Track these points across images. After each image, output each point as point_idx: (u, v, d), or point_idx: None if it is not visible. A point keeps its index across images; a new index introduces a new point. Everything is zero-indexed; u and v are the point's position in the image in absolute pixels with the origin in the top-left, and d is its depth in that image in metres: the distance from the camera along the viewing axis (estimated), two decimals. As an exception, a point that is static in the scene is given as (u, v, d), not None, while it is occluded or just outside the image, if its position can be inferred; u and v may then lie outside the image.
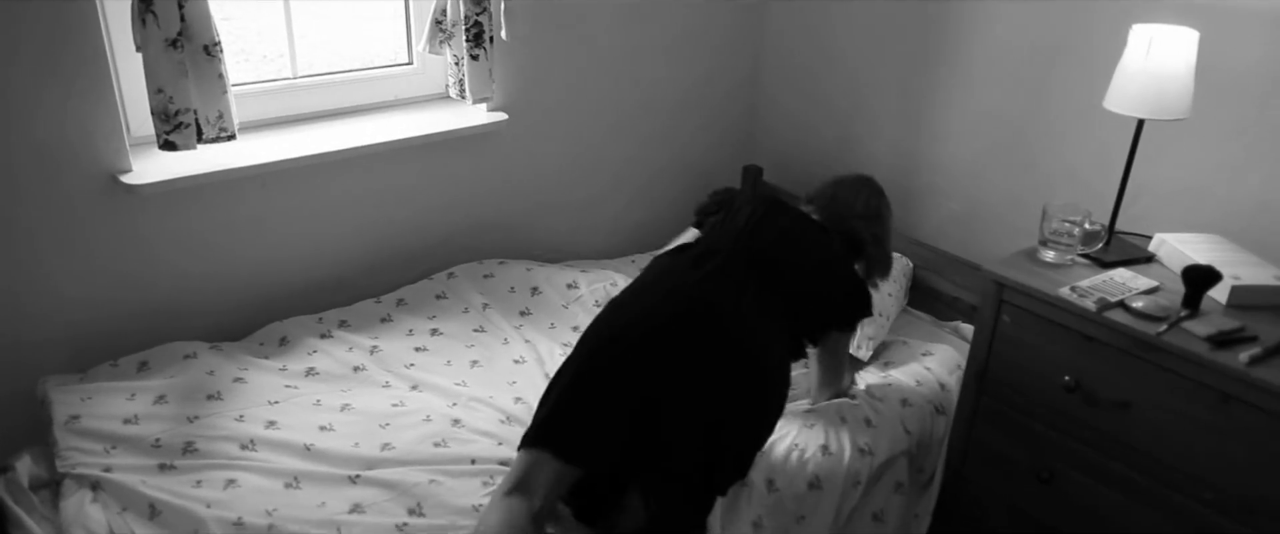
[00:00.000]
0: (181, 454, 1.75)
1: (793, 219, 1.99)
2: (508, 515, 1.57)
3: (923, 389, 2.12)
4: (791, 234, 1.94)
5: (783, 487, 1.81)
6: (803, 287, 1.89)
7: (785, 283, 1.84)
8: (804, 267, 1.91)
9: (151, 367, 1.99)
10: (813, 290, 1.92)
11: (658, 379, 1.63)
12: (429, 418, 1.92)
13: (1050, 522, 1.94)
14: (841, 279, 1.97)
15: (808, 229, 1.99)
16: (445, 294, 2.39)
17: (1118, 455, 1.79)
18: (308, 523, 1.60)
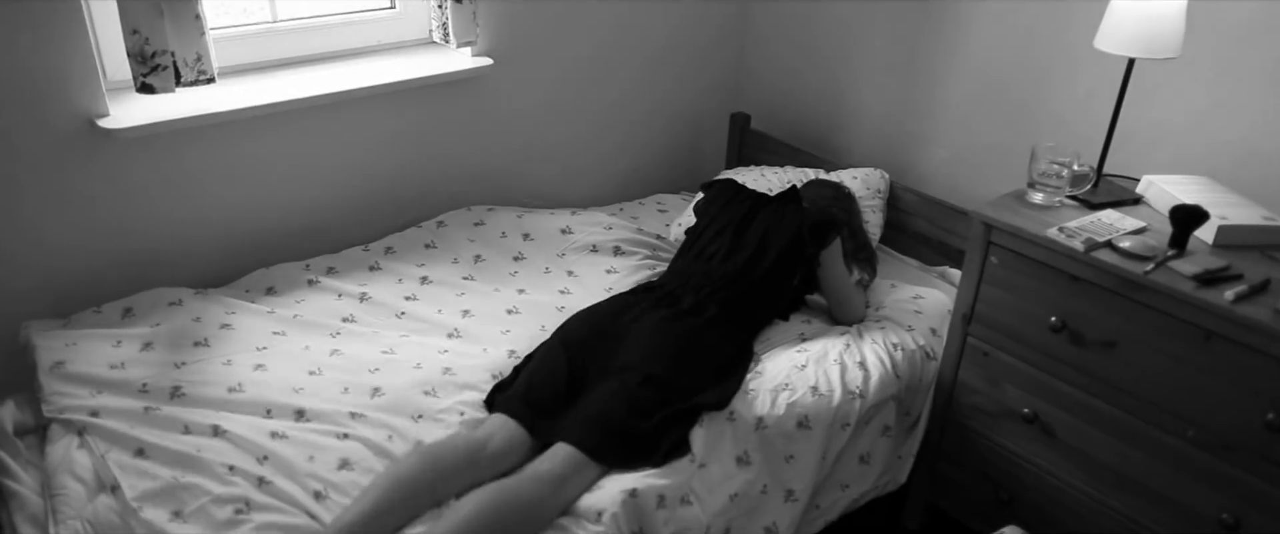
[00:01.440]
0: (169, 399, 1.74)
1: (761, 228, 2.17)
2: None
3: (914, 334, 2.13)
4: (762, 242, 2.14)
5: (771, 425, 1.82)
6: (774, 270, 2.10)
7: (755, 281, 2.08)
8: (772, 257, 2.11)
9: (136, 313, 1.97)
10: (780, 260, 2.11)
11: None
12: (420, 365, 1.92)
13: (1034, 460, 1.97)
14: (798, 228, 2.12)
15: (769, 230, 2.16)
16: (434, 243, 2.37)
17: (1102, 394, 1.82)
18: (297, 475, 1.60)
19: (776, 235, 2.14)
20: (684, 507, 1.69)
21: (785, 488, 1.84)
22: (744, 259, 2.11)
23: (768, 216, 2.20)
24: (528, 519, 1.53)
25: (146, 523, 1.47)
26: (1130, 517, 1.83)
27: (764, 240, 2.14)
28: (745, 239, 2.16)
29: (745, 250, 2.13)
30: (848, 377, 1.96)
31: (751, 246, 2.13)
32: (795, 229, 2.14)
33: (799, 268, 2.13)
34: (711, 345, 1.92)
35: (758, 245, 2.13)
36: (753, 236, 2.16)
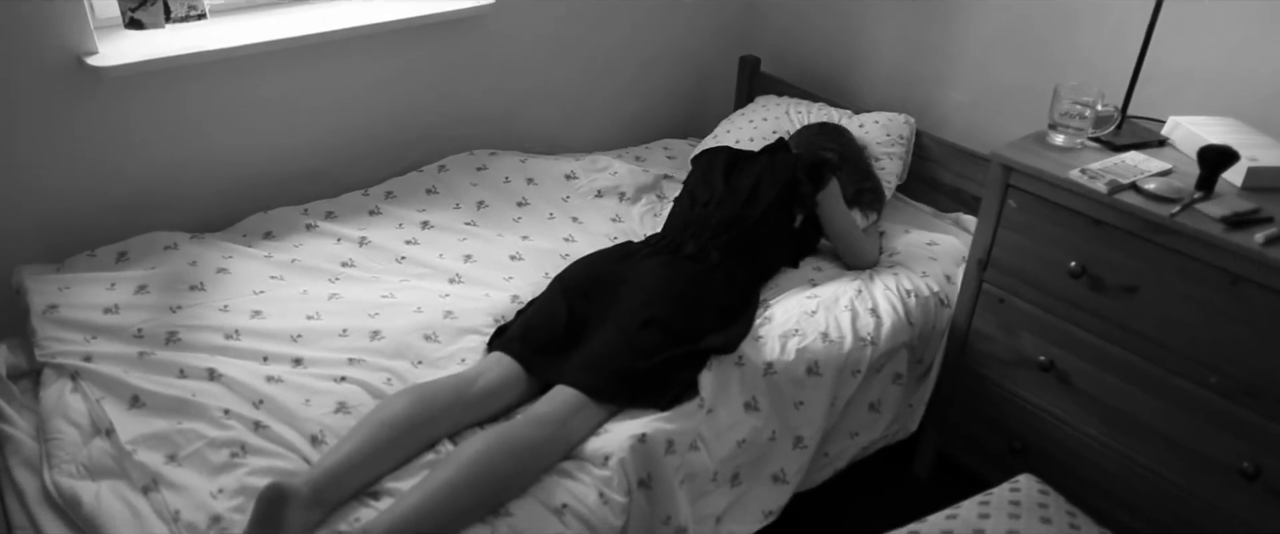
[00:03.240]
0: (164, 344, 1.71)
1: (753, 175, 2.14)
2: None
3: (928, 280, 2.08)
4: (755, 187, 2.10)
5: (780, 371, 1.78)
6: (770, 213, 2.06)
7: (752, 224, 2.04)
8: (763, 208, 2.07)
9: (131, 257, 1.93)
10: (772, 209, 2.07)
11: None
12: (420, 309, 1.87)
13: (1048, 409, 1.92)
14: (792, 170, 2.09)
15: (762, 176, 2.12)
16: (436, 188, 2.32)
17: (1121, 341, 1.76)
18: (293, 418, 1.57)
19: (769, 180, 2.10)
20: (692, 452, 1.65)
21: (794, 435, 1.81)
22: (738, 204, 2.06)
23: (758, 165, 2.16)
24: (528, 462, 1.50)
25: (141, 466, 1.45)
26: (1147, 465, 1.79)
27: (757, 186, 2.10)
28: (737, 186, 2.12)
29: (738, 196, 2.08)
30: (859, 323, 1.92)
31: (744, 192, 2.09)
32: (789, 172, 2.09)
33: (796, 209, 2.08)
34: (715, 289, 1.87)
35: (751, 190, 2.09)
36: (745, 183, 2.12)
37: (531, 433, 1.53)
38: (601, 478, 1.51)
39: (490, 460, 1.46)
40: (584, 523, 1.46)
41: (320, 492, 1.34)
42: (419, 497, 1.38)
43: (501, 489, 1.45)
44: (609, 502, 1.50)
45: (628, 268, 1.88)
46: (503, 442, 1.49)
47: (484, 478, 1.43)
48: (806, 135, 2.37)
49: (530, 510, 1.44)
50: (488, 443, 1.47)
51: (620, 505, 1.51)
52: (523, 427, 1.54)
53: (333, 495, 1.35)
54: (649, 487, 1.57)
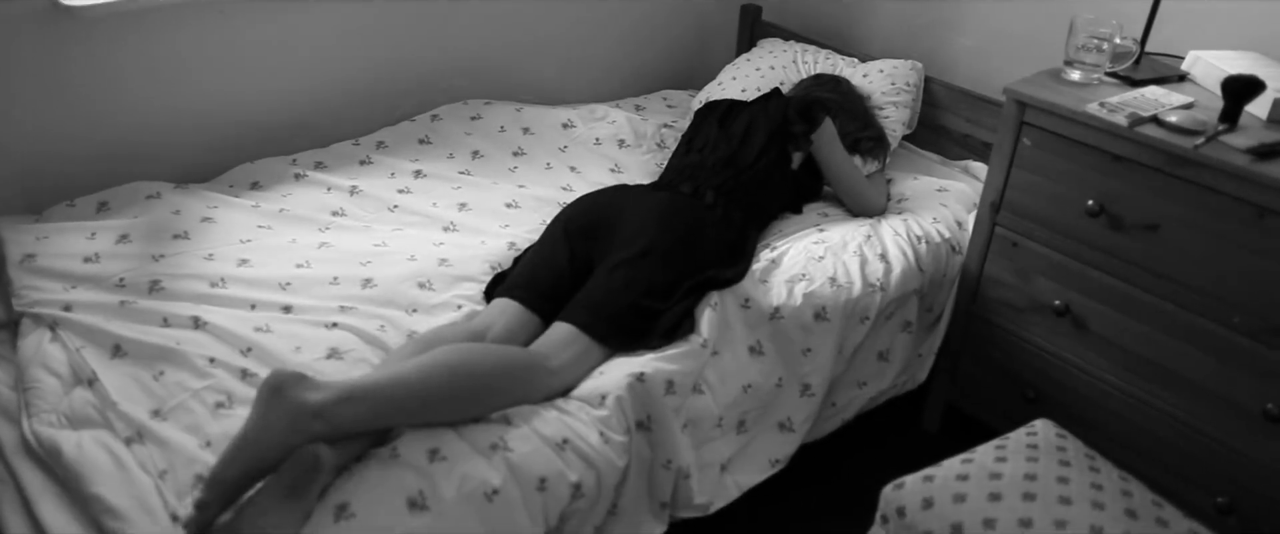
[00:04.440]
0: (147, 293, 1.64)
1: (746, 120, 2.10)
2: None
3: (939, 225, 2.02)
4: (748, 131, 2.06)
5: (786, 316, 1.72)
6: (765, 155, 2.01)
7: (747, 165, 1.98)
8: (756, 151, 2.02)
9: (112, 207, 1.86)
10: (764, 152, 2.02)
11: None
12: (414, 257, 1.81)
13: (1063, 355, 1.86)
14: (784, 112, 2.06)
15: (754, 119, 2.08)
16: (429, 138, 2.24)
17: (1141, 282, 1.70)
18: (283, 364, 1.50)
19: (762, 122, 2.06)
20: (695, 395, 1.60)
21: (801, 382, 1.75)
22: (732, 148, 2.02)
23: (752, 111, 2.12)
24: (514, 377, 1.45)
25: (125, 416, 1.39)
26: (1166, 411, 1.73)
27: (749, 129, 2.06)
28: (731, 132, 2.08)
29: (732, 141, 2.05)
30: (868, 269, 1.85)
31: (738, 136, 2.05)
32: (781, 113, 2.05)
33: (791, 149, 2.03)
34: (715, 225, 1.81)
35: (744, 134, 2.05)
36: (738, 128, 2.08)
37: (521, 352, 1.49)
38: (599, 418, 1.45)
39: (471, 360, 1.41)
40: (586, 461, 1.41)
41: (326, 406, 1.27)
42: (388, 373, 1.36)
43: (478, 393, 1.40)
44: (610, 441, 1.44)
45: (626, 205, 1.81)
46: (491, 350, 1.46)
47: (459, 374, 1.38)
48: (803, 85, 2.33)
49: (530, 445, 1.38)
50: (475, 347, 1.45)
51: (621, 445, 1.45)
52: (516, 348, 1.50)
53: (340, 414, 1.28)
54: (649, 429, 1.52)
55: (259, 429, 1.24)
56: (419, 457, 1.33)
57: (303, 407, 1.26)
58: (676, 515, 1.62)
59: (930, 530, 1.40)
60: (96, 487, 1.26)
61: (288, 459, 1.23)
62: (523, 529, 1.34)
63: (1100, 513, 1.36)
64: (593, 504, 1.44)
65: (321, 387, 1.30)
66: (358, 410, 1.30)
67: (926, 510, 1.42)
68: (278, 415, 1.24)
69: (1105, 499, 1.39)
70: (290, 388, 1.27)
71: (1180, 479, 1.73)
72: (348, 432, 1.30)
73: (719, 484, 1.65)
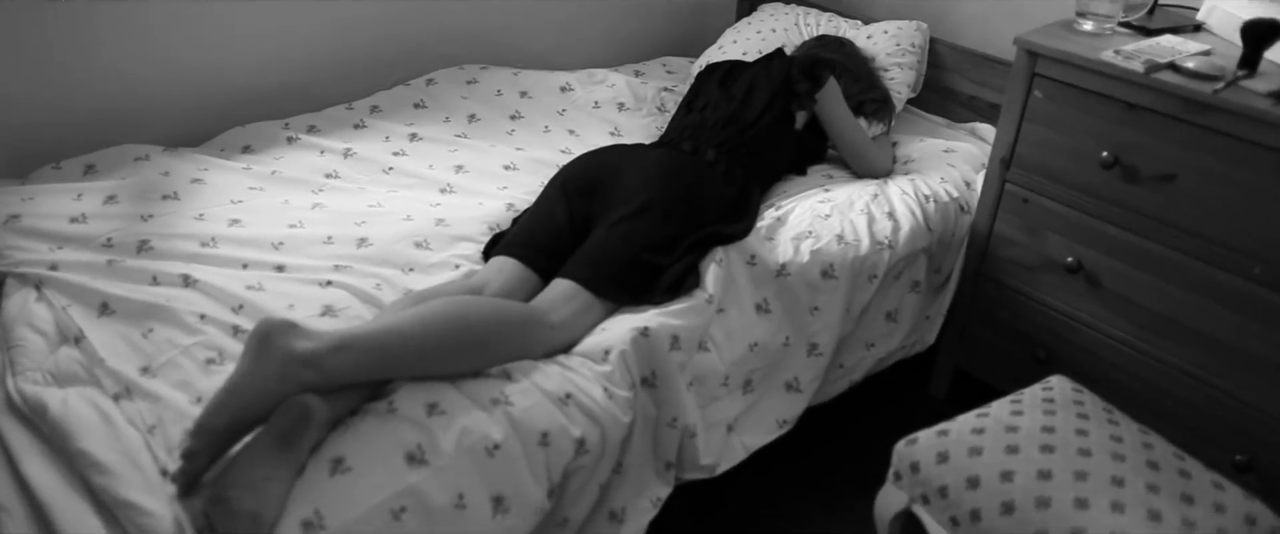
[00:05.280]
0: (135, 253, 1.60)
1: (748, 80, 2.05)
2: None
3: (947, 185, 1.97)
4: (750, 90, 2.02)
5: (793, 273, 1.67)
6: (767, 114, 1.96)
7: (748, 123, 1.93)
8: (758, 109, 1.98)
9: (99, 169, 1.81)
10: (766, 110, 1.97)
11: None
12: (410, 217, 1.76)
13: (1075, 315, 1.82)
14: (786, 70, 2.02)
15: (756, 79, 2.04)
16: (424, 102, 2.20)
17: (1157, 235, 1.66)
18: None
19: (764, 81, 2.02)
20: (701, 353, 1.55)
21: (809, 341, 1.71)
22: (734, 107, 1.97)
23: (754, 70, 2.08)
24: (513, 330, 1.40)
25: (113, 372, 1.34)
26: (1183, 368, 1.69)
27: (752, 88, 2.01)
28: (733, 92, 2.03)
29: (733, 100, 2.00)
30: (875, 227, 1.81)
31: (739, 96, 2.01)
32: (784, 73, 2.01)
33: (794, 108, 1.99)
34: (716, 182, 1.77)
35: (746, 93, 2.01)
36: (740, 88, 2.04)
37: (521, 306, 1.45)
38: (602, 373, 1.41)
39: (468, 312, 1.37)
40: (590, 416, 1.36)
41: (317, 355, 1.22)
42: (382, 324, 1.32)
43: (477, 346, 1.36)
44: (614, 397, 1.40)
45: (625, 162, 1.77)
46: (489, 302, 1.42)
47: (457, 326, 1.34)
48: (806, 46, 2.29)
49: (532, 399, 1.33)
50: (473, 299, 1.41)
51: (626, 400, 1.41)
52: (514, 303, 1.45)
53: (332, 363, 1.24)
54: (653, 385, 1.48)
55: (247, 377, 1.19)
56: (417, 410, 1.28)
57: (292, 355, 1.21)
58: (683, 477, 1.58)
59: (945, 485, 1.36)
60: (82, 442, 1.21)
61: (277, 409, 1.18)
62: (525, 486, 1.30)
63: (1121, 464, 1.32)
64: (597, 461, 1.39)
65: (313, 336, 1.26)
66: (350, 360, 1.25)
67: (941, 465, 1.38)
68: (266, 363, 1.20)
69: (1125, 451, 1.35)
70: (280, 336, 1.22)
71: (1197, 437, 1.69)
72: (340, 382, 1.25)
73: (726, 445, 1.61)
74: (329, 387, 1.24)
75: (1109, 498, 1.27)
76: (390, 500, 1.20)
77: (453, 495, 1.24)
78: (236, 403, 1.18)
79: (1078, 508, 1.26)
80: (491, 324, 1.39)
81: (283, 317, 1.27)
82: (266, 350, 1.21)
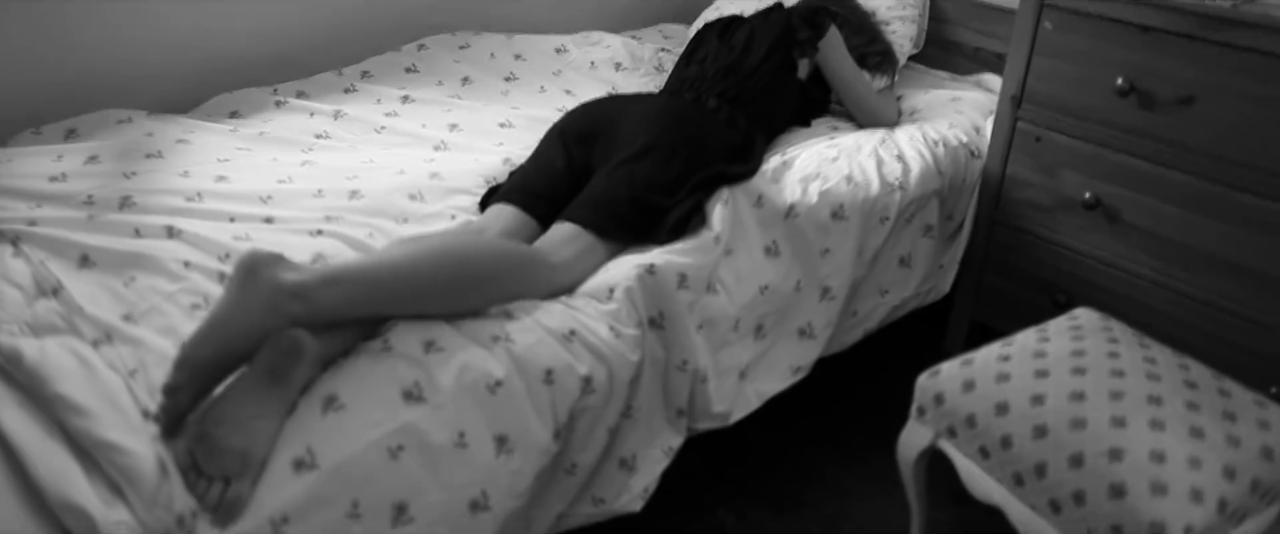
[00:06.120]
0: (118, 209, 1.53)
1: (747, 31, 2.00)
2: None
3: (955, 130, 1.92)
4: (749, 40, 1.96)
5: (802, 214, 1.61)
6: (768, 62, 1.91)
7: (749, 72, 1.87)
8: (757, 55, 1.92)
9: (81, 133, 1.75)
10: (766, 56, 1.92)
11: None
12: (403, 171, 1.70)
13: (1094, 254, 1.76)
14: (787, 19, 1.97)
15: (756, 29, 1.98)
16: (416, 67, 2.14)
17: (1177, 162, 1.60)
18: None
19: (763, 31, 1.96)
20: (710, 295, 1.49)
21: (821, 285, 1.64)
22: (734, 57, 1.92)
23: (753, 23, 2.03)
24: (511, 269, 1.34)
25: (93, 319, 1.27)
26: (1208, 299, 1.63)
27: (752, 38, 1.96)
28: (732, 42, 1.98)
29: (733, 50, 1.95)
30: (885, 169, 1.75)
31: (739, 46, 1.95)
32: (783, 22, 1.96)
33: (796, 56, 1.93)
34: (717, 128, 1.71)
35: (746, 43, 1.95)
36: (739, 39, 1.98)
37: (521, 245, 1.39)
38: (608, 312, 1.35)
39: (466, 247, 1.32)
40: (596, 354, 1.30)
41: (306, 287, 1.16)
42: (375, 258, 1.26)
43: (475, 282, 1.29)
44: (621, 335, 1.33)
45: (625, 109, 1.71)
46: (489, 241, 1.37)
47: (454, 261, 1.27)
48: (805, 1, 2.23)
49: (534, 336, 1.27)
50: (471, 236, 1.34)
51: (633, 338, 1.34)
52: (515, 244, 1.39)
53: (321, 296, 1.17)
54: (661, 326, 1.41)
55: (232, 308, 1.13)
56: (413, 348, 1.22)
57: (280, 286, 1.15)
58: (695, 426, 1.51)
59: (973, 413, 1.30)
60: (59, 386, 1.14)
61: (265, 344, 1.12)
62: (530, 425, 1.23)
63: (1157, 384, 1.26)
64: (605, 401, 1.33)
65: (301, 269, 1.19)
66: (341, 294, 1.18)
67: (967, 393, 1.32)
68: (252, 295, 1.13)
69: (1161, 373, 1.28)
70: (266, 268, 1.16)
71: (1230, 371, 1.61)
72: (330, 317, 1.18)
73: (739, 392, 1.54)
74: (319, 322, 1.18)
75: (1147, 416, 1.20)
76: (387, 438, 1.13)
77: (453, 434, 1.17)
78: (220, 335, 1.11)
79: (1114, 427, 1.19)
80: (491, 261, 1.33)
81: (269, 251, 1.21)
82: (252, 282, 1.14)
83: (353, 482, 1.10)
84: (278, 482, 1.07)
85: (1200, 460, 1.15)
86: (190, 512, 1.03)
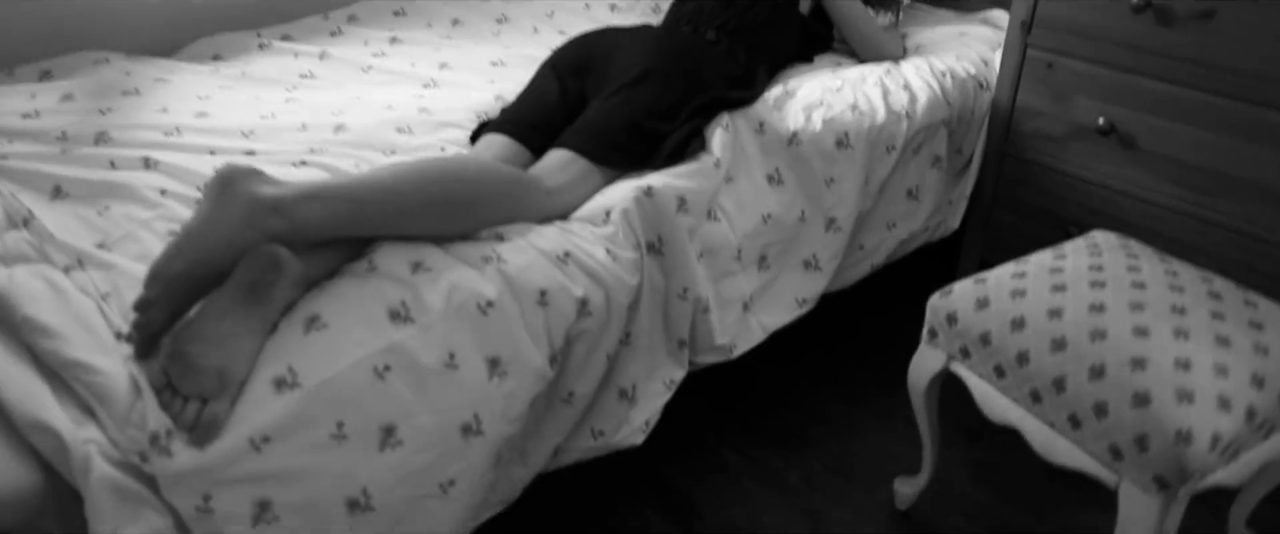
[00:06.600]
0: (93, 143, 1.47)
1: None
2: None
3: (963, 62, 1.85)
4: None
5: (805, 141, 1.55)
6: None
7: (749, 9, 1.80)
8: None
9: (56, 74, 1.69)
10: None
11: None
12: (392, 107, 1.64)
13: (1109, 183, 1.70)
14: None
15: None
16: (404, 10, 2.08)
17: (1196, 80, 1.54)
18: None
19: None
20: (711, 222, 1.43)
21: (826, 216, 1.58)
22: None
23: None
24: (501, 190, 1.27)
25: (65, 246, 1.22)
26: (1230, 225, 1.57)
27: None
28: None
29: None
30: (891, 98, 1.69)
31: None
32: None
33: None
34: (716, 59, 1.65)
35: None
36: None
37: (515, 169, 1.33)
38: (604, 235, 1.29)
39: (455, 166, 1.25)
40: (592, 276, 1.24)
41: (285, 201, 1.10)
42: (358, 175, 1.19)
43: (465, 202, 1.23)
44: (619, 258, 1.27)
45: (620, 40, 1.65)
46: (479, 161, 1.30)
47: (442, 179, 1.21)
48: None
49: (527, 257, 1.21)
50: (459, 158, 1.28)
51: (631, 261, 1.29)
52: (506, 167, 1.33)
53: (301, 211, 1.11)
54: (660, 252, 1.35)
55: (207, 222, 1.07)
56: (400, 268, 1.16)
57: (258, 200, 1.09)
58: (698, 360, 1.45)
59: (987, 331, 1.24)
60: (28, 309, 1.08)
61: (243, 259, 1.06)
62: (524, 348, 1.17)
63: (1180, 295, 1.20)
64: (602, 327, 1.27)
65: (281, 184, 1.14)
66: (322, 209, 1.12)
67: (981, 311, 1.26)
68: (229, 208, 1.07)
69: (1183, 284, 1.23)
70: (244, 181, 1.10)
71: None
72: (311, 235, 1.13)
73: (742, 325, 1.49)
74: (299, 239, 1.12)
75: (1171, 325, 1.14)
76: (373, 358, 1.08)
77: (443, 354, 1.12)
78: (194, 248, 1.05)
79: (1137, 337, 1.13)
80: (481, 181, 1.27)
81: (248, 165, 1.15)
82: (228, 195, 1.08)
83: (337, 402, 1.04)
84: (258, 400, 1.01)
85: (1227, 368, 1.09)
86: (164, 430, 0.97)
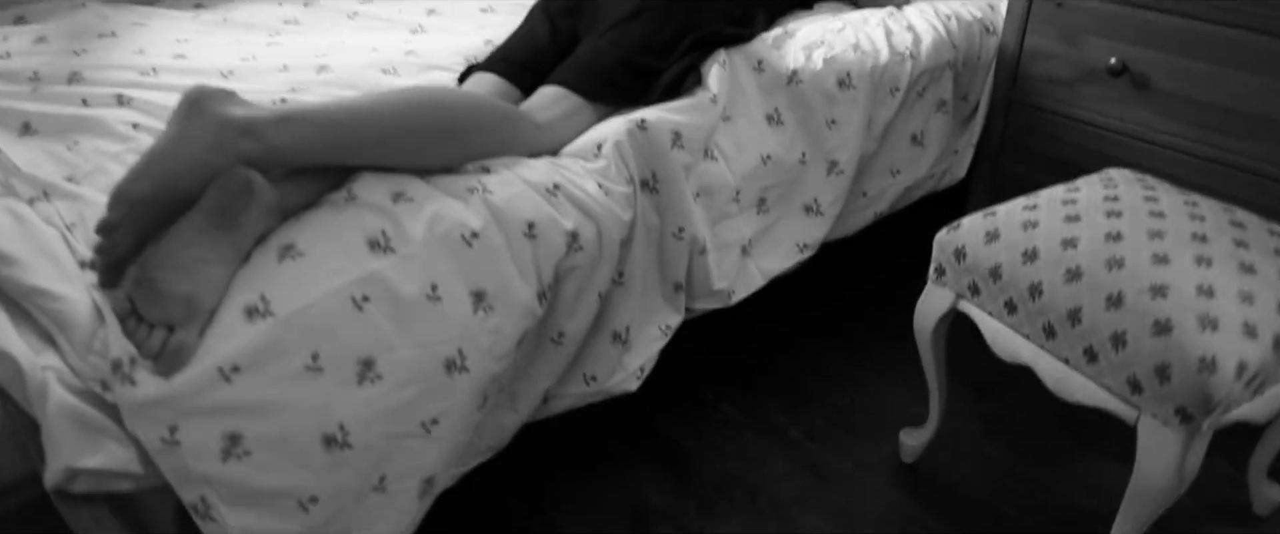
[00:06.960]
0: (66, 82, 1.41)
1: None
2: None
3: (969, 6, 1.79)
4: None
5: (806, 80, 1.49)
6: None
7: None
8: None
9: (30, 18, 1.64)
10: None
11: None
12: (377, 49, 1.58)
13: (1122, 128, 1.64)
14: None
15: None
16: (391, -36, 2.02)
17: (1210, 14, 1.47)
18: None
19: None
20: (708, 161, 1.37)
21: (827, 159, 1.52)
22: None
23: None
24: (484, 122, 1.21)
25: (30, 178, 1.16)
26: (1251, 167, 1.50)
27: None
28: None
29: None
30: (894, 39, 1.63)
31: None
32: None
33: None
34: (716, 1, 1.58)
35: None
36: None
37: (502, 102, 1.27)
38: (596, 169, 1.23)
39: (440, 93, 1.20)
40: (583, 209, 1.18)
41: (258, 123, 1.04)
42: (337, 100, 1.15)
43: (449, 130, 1.17)
44: (611, 193, 1.22)
45: None
46: (464, 91, 1.24)
47: (425, 105, 1.15)
48: None
49: (514, 189, 1.15)
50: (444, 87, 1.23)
51: (624, 196, 1.23)
52: (497, 102, 1.27)
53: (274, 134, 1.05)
54: (655, 189, 1.30)
55: (174, 142, 1.01)
56: (381, 197, 1.10)
57: (229, 121, 1.03)
58: (695, 306, 1.40)
59: (998, 264, 1.18)
60: (-12, 239, 1.04)
61: (213, 183, 1.00)
62: (511, 282, 1.12)
63: (1201, 224, 1.14)
64: (594, 263, 1.21)
65: (253, 106, 1.08)
66: (296, 133, 1.07)
67: (991, 244, 1.20)
68: (198, 128, 1.02)
69: (1203, 213, 1.17)
70: (214, 102, 1.04)
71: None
72: (286, 160, 1.07)
73: (741, 269, 1.43)
74: (274, 164, 1.06)
75: (1192, 253, 1.08)
76: (350, 287, 1.02)
77: (424, 285, 1.06)
78: (160, 169, 1.00)
79: (1156, 264, 1.07)
80: (466, 110, 1.21)
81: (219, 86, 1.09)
82: (198, 115, 1.03)
83: (312, 332, 0.99)
84: (227, 329, 0.96)
85: (1252, 295, 1.03)
86: (128, 358, 0.92)
